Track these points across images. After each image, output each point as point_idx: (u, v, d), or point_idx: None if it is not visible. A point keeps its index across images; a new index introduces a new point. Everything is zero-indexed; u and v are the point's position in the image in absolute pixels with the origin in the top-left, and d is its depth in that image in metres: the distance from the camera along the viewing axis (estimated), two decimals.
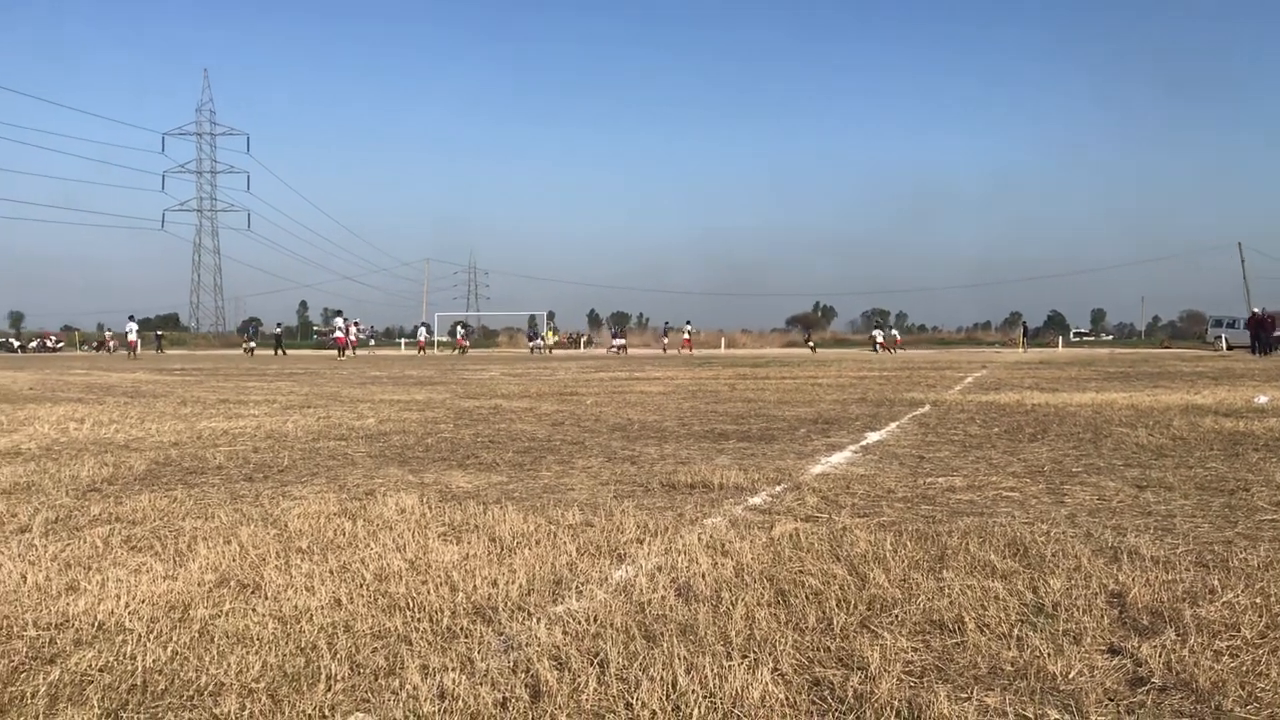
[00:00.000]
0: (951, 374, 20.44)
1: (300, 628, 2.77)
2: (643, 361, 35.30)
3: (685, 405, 11.43)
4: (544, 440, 7.67)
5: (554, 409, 10.92)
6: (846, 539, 3.84)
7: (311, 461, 6.43)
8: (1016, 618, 2.85)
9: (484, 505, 4.67)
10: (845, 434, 8.04)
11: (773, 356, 44.73)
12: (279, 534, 4.01)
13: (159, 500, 4.85)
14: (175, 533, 4.07)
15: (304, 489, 5.26)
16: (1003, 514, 4.44)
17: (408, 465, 6.24)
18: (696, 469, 5.79)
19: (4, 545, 3.85)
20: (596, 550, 3.70)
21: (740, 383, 16.84)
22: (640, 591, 3.10)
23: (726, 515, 4.42)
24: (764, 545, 3.74)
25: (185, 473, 5.94)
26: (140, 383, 18.19)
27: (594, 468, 6.07)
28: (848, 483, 5.35)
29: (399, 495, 4.91)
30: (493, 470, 6.01)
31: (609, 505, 4.66)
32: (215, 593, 3.14)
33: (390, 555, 3.60)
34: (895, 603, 2.98)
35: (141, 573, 3.38)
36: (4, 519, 4.40)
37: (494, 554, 3.65)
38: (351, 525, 4.16)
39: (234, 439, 7.79)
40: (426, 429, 8.60)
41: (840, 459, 6.41)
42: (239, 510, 4.59)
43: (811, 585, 3.16)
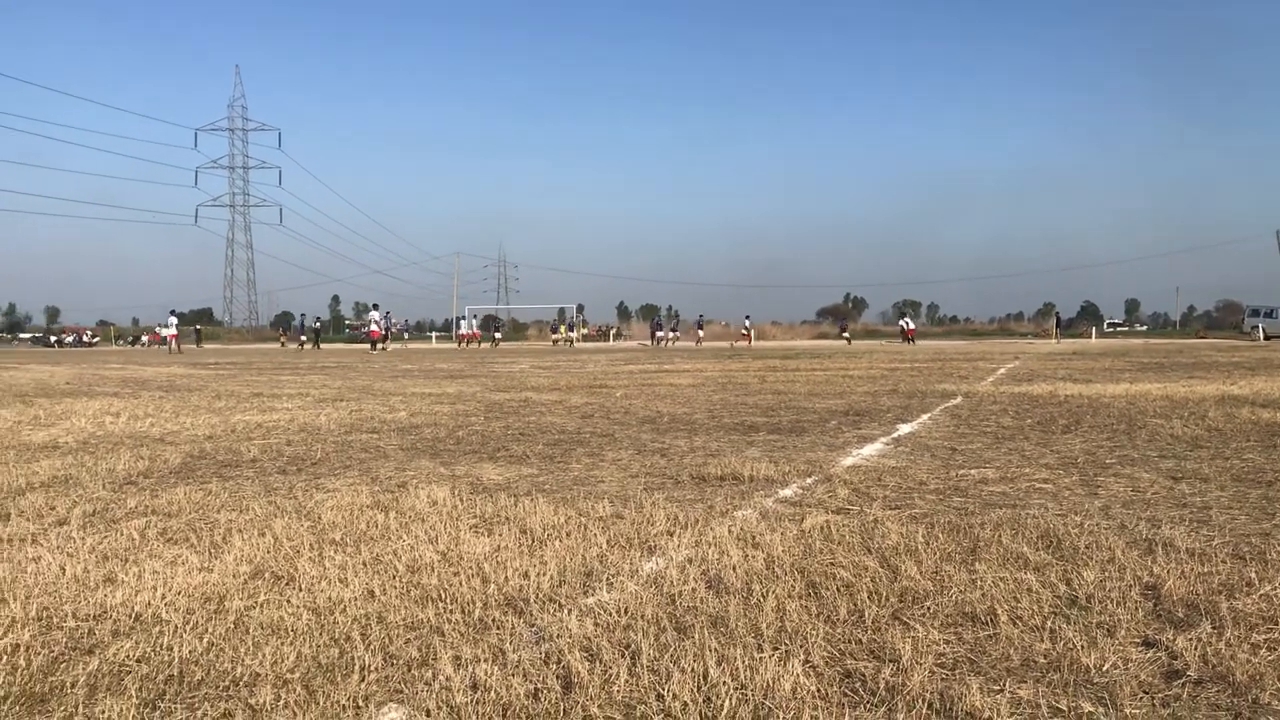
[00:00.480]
0: (984, 365, 20.30)
1: (334, 619, 2.80)
2: (672, 354, 35.29)
3: (715, 398, 11.42)
4: (574, 433, 7.69)
5: (584, 402, 10.94)
6: (878, 531, 3.83)
7: (344, 454, 6.47)
8: (1050, 610, 2.83)
9: (515, 497, 4.69)
10: (877, 426, 8.01)
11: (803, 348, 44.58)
12: (313, 526, 4.05)
13: (194, 493, 4.90)
14: (210, 525, 4.12)
15: (337, 481, 5.30)
16: (1036, 506, 4.41)
17: (439, 458, 6.27)
18: (726, 461, 5.79)
19: (43, 537, 3.91)
20: (627, 542, 3.71)
21: (770, 375, 16.80)
22: (671, 583, 3.10)
23: (757, 508, 4.41)
24: (795, 537, 3.74)
25: (220, 466, 6.00)
26: (175, 377, 18.38)
27: (624, 460, 6.08)
28: (879, 475, 5.33)
29: (431, 487, 4.94)
30: (523, 463, 6.03)
31: (639, 497, 4.66)
32: (250, 584, 3.17)
33: (422, 547, 3.63)
34: (927, 595, 2.97)
35: (177, 565, 3.42)
36: (43, 512, 4.47)
37: (525, 546, 3.67)
38: (384, 517, 4.19)
39: (268, 432, 7.86)
40: (457, 422, 8.64)
41: (872, 451, 6.38)
42: (273, 503, 4.63)
43: (843, 577, 3.15)
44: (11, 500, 4.76)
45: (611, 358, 30.41)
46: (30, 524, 4.18)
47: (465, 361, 27.32)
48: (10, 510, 4.49)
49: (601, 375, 17.38)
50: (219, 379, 17.32)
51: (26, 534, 3.97)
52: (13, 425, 8.53)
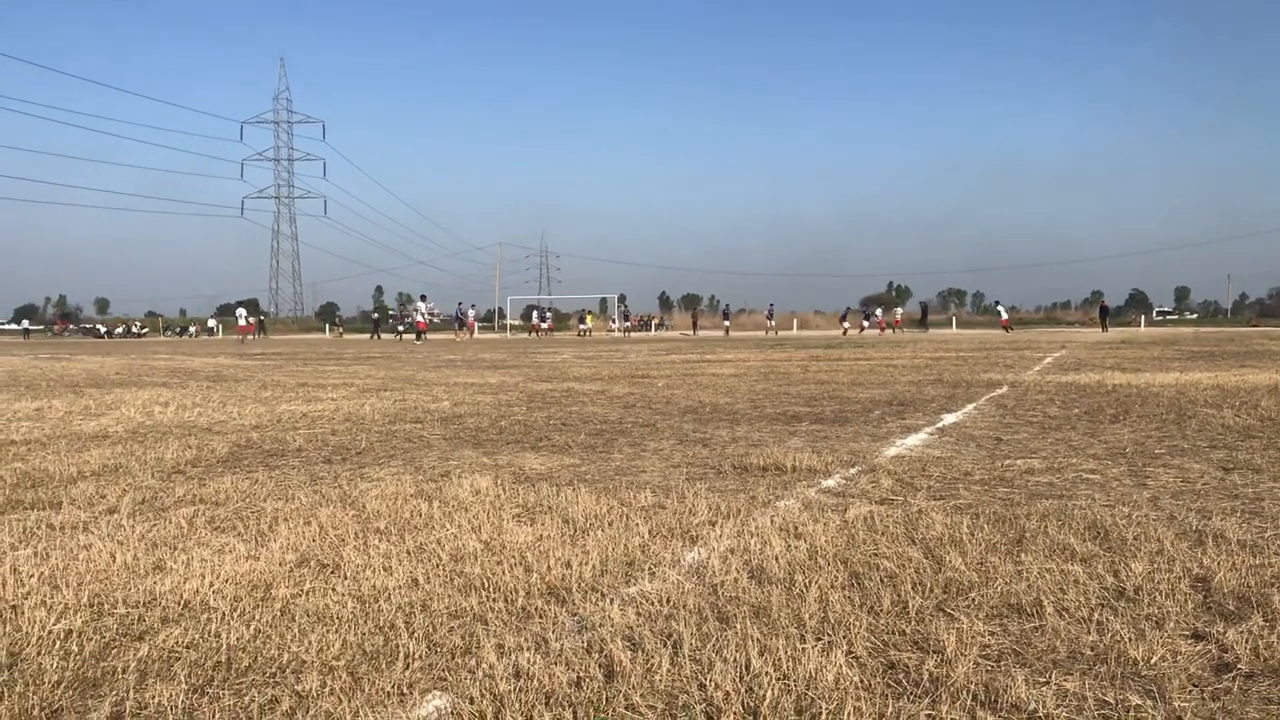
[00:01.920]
0: (1030, 354, 20.07)
1: (379, 607, 2.83)
2: (714, 344, 35.23)
3: (757, 387, 11.39)
4: (616, 423, 7.70)
5: (625, 392, 10.95)
6: (922, 522, 3.80)
7: (388, 444, 6.53)
8: (1097, 601, 2.80)
9: (557, 487, 4.71)
10: (921, 416, 7.95)
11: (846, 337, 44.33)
12: (357, 515, 4.09)
13: (241, 482, 4.97)
14: (257, 514, 4.17)
15: (381, 471, 5.35)
16: (1083, 497, 4.36)
17: (482, 447, 6.31)
18: (769, 451, 5.78)
19: (94, 525, 3.98)
20: (669, 532, 3.71)
21: (813, 364, 16.73)
22: (713, 573, 3.10)
23: (800, 498, 4.40)
24: (838, 528, 3.72)
25: (266, 455, 6.08)
26: (222, 368, 18.63)
27: (665, 450, 6.09)
28: (923, 465, 5.29)
29: (474, 477, 4.97)
30: (565, 452, 6.05)
31: (681, 487, 4.66)
32: (296, 572, 3.21)
33: (465, 536, 3.65)
34: (972, 586, 2.95)
35: (225, 553, 3.47)
36: (93, 500, 4.55)
37: (567, 535, 3.68)
38: (428, 506, 4.22)
39: (313, 422, 7.95)
40: (500, 412, 8.68)
41: (916, 441, 6.34)
42: (318, 492, 4.68)
43: (886, 568, 3.14)
44: (63, 489, 4.85)
45: (653, 348, 30.42)
46: (81, 512, 4.26)
47: (507, 352, 27.45)
48: (62, 499, 4.57)
49: (643, 365, 17.40)
50: (265, 369, 17.53)
51: (78, 522, 4.04)
52: (64, 415, 8.69)
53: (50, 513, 4.24)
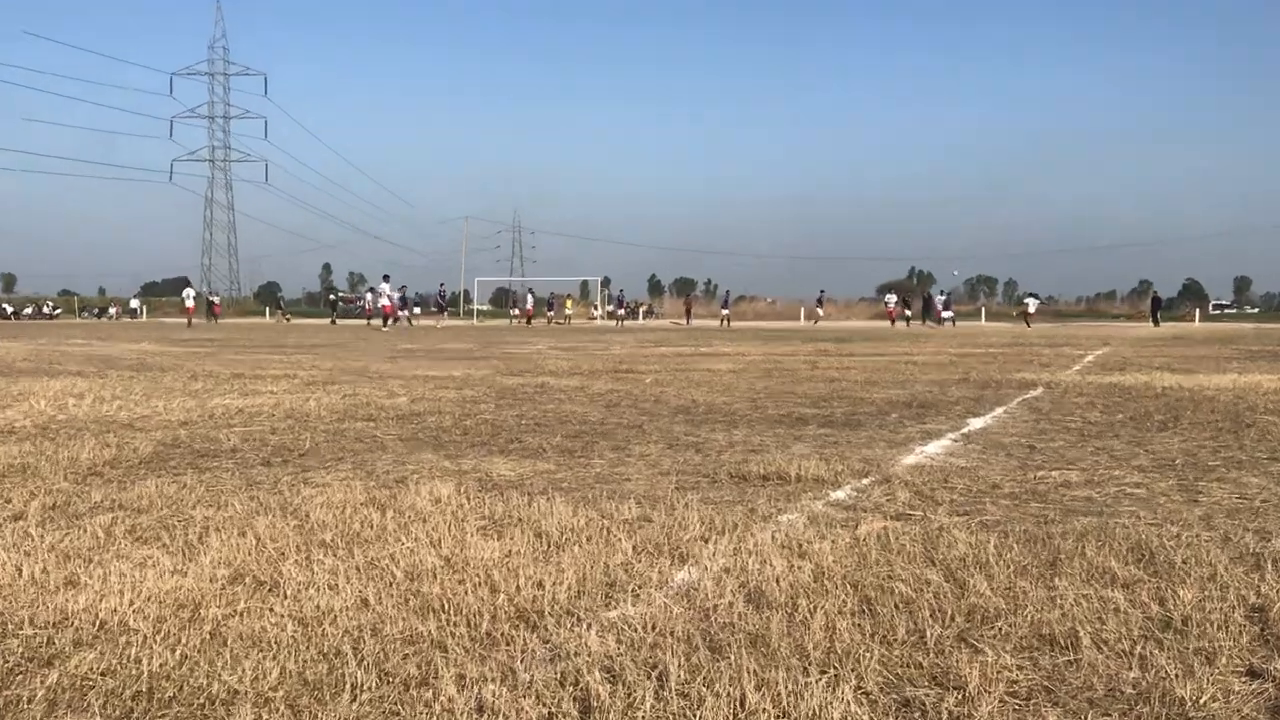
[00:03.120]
0: (1069, 351, 20.15)
1: (323, 630, 2.83)
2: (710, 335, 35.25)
3: (758, 385, 11.41)
4: (597, 423, 7.71)
5: (608, 388, 10.96)
6: (943, 540, 3.81)
7: (336, 444, 6.52)
8: (1140, 633, 2.81)
9: (529, 496, 4.71)
10: (944, 420, 7.98)
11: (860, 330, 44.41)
12: (299, 525, 4.08)
13: (167, 486, 4.95)
14: (185, 522, 4.16)
15: (328, 475, 5.34)
16: (1126, 514, 4.38)
17: (443, 450, 6.31)
18: (771, 458, 5.79)
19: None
20: (655, 549, 3.72)
21: (822, 360, 16.76)
22: (705, 596, 3.11)
23: (805, 511, 4.41)
24: (847, 546, 3.74)
25: (196, 455, 6.06)
26: (146, 355, 18.56)
27: (653, 455, 6.09)
28: (946, 476, 5.31)
29: (433, 483, 4.97)
30: (539, 457, 6.05)
31: (670, 498, 4.67)
32: (228, 590, 3.20)
33: (423, 551, 3.65)
34: (999, 614, 2.96)
35: (147, 567, 3.46)
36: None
37: (539, 551, 3.68)
38: (380, 516, 4.22)
39: (250, 418, 7.93)
40: (465, 409, 8.68)
41: (937, 448, 6.36)
42: (255, 498, 4.67)
43: (902, 592, 3.15)
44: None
45: (641, 339, 30.42)
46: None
47: (474, 341, 27.42)
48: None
49: (629, 359, 17.40)
50: (195, 358, 17.47)
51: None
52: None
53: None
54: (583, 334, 36.46)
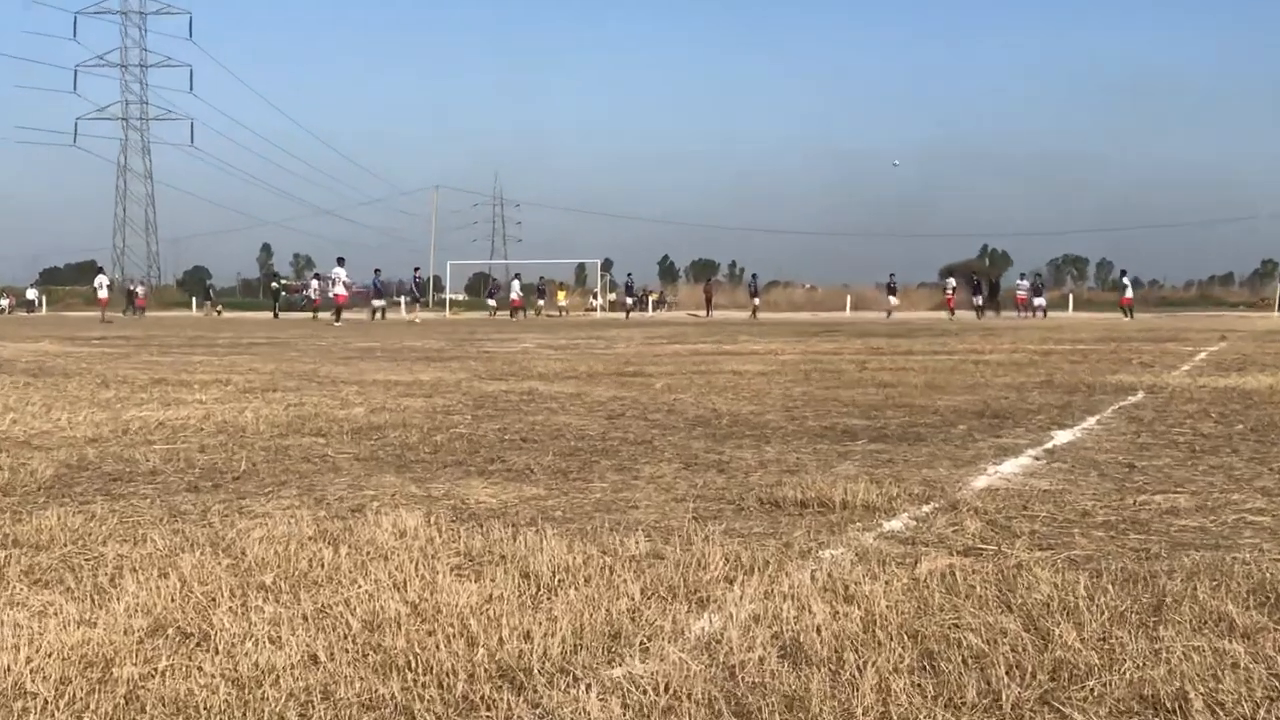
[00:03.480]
0: (1176, 348, 20.12)
1: (262, 693, 2.83)
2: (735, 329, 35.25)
3: (795, 391, 11.40)
4: (597, 438, 7.71)
5: (611, 395, 10.96)
6: (1022, 581, 3.81)
7: (279, 465, 6.53)
8: (1263, 694, 2.81)
9: (513, 528, 4.71)
10: (1022, 432, 7.96)
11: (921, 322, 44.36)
12: (234, 565, 4.09)
13: (71, 517, 4.96)
14: (93, 562, 4.16)
15: (268, 503, 5.35)
16: (1247, 547, 4.37)
17: (409, 471, 6.31)
18: (810, 480, 5.78)
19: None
20: (669, 592, 3.71)
21: (874, 359, 16.74)
22: (730, 650, 3.11)
23: (852, 546, 4.41)
24: (905, 588, 3.73)
25: (107, 479, 6.07)
26: (46, 356, 18.60)
27: (666, 477, 6.09)
28: (1025, 501, 5.30)
29: (397, 513, 4.97)
30: (525, 479, 6.05)
31: (687, 530, 4.67)
32: (147, 644, 3.21)
33: (385, 595, 3.65)
34: (1090, 671, 2.96)
35: (48, 615, 3.46)
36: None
37: (527, 596, 3.68)
38: (332, 554, 4.22)
39: (173, 434, 7.95)
40: (435, 422, 8.68)
41: (1014, 468, 6.35)
42: (180, 531, 4.68)
43: (971, 645, 3.14)
44: None
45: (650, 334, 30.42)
46: None
47: (446, 338, 27.44)
48: None
49: (636, 359, 17.41)
50: (106, 359, 17.51)
51: None
52: None
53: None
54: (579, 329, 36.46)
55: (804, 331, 31.38)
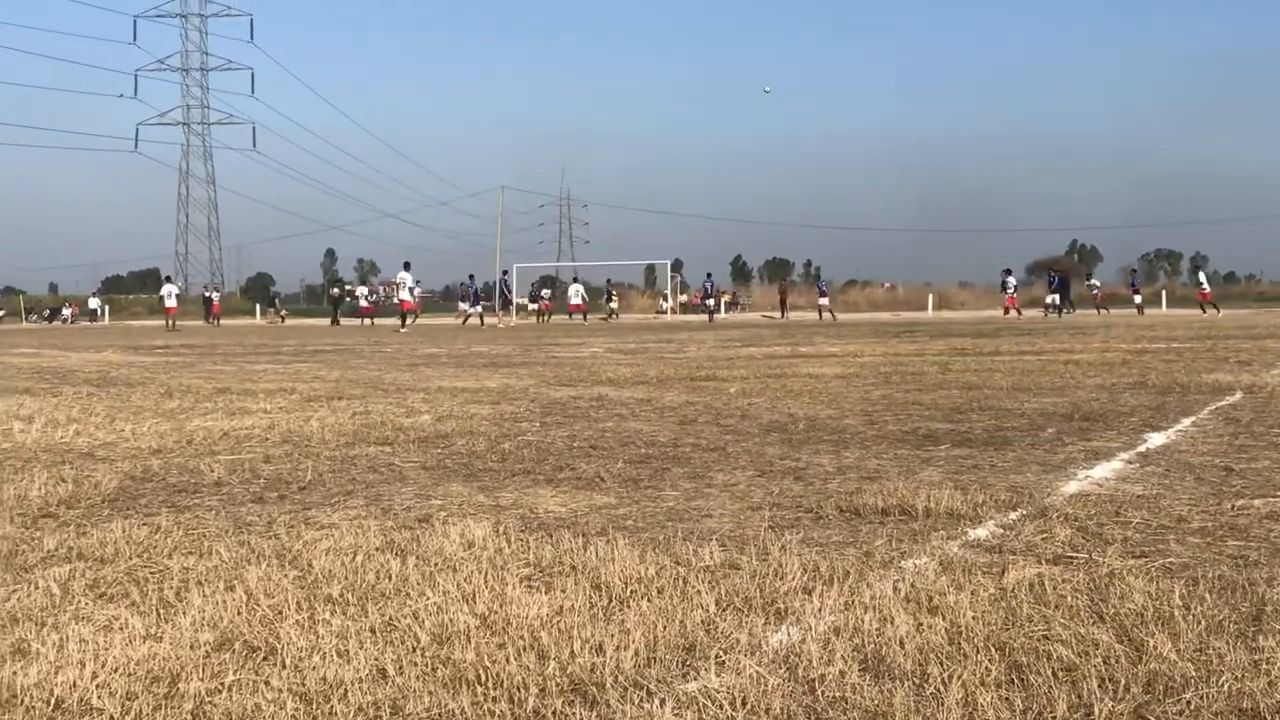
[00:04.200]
0: (1275, 345, 19.81)
1: (330, 708, 2.85)
2: (810, 331, 35.14)
3: (874, 394, 11.34)
4: (668, 445, 7.71)
5: (683, 400, 10.95)
6: (1115, 590, 3.77)
7: (344, 475, 6.59)
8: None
9: (584, 538, 4.72)
10: (1114, 435, 7.88)
11: (1006, 321, 43.97)
12: (300, 577, 4.13)
13: (136, 529, 5.02)
14: (159, 575, 4.22)
15: (334, 514, 5.40)
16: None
17: (477, 480, 6.35)
18: (891, 487, 5.75)
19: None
20: (745, 604, 3.71)
21: (957, 360, 16.62)
22: (809, 663, 3.10)
23: (936, 554, 4.38)
24: (991, 599, 3.70)
25: (172, 491, 6.15)
26: (110, 366, 18.86)
27: (740, 485, 6.08)
28: (1117, 507, 5.25)
29: (465, 523, 5.00)
30: (596, 488, 6.07)
31: (763, 539, 4.66)
32: (213, 659, 3.24)
33: (454, 607, 3.67)
34: (1186, 683, 2.92)
35: (113, 630, 3.51)
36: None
37: (599, 607, 3.69)
38: (400, 565, 4.25)
39: (238, 444, 8.04)
40: (502, 429, 8.72)
41: (1106, 472, 6.29)
42: (245, 543, 4.73)
43: (1062, 657, 3.12)
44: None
45: (723, 337, 30.38)
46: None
47: (513, 343, 27.55)
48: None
49: (708, 363, 17.39)
50: (170, 368, 17.72)
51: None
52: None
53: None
54: (649, 332, 36.49)
55: (883, 332, 31.20)
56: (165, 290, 58.65)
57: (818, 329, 37.23)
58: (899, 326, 37.77)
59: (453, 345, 26.87)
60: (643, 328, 43.83)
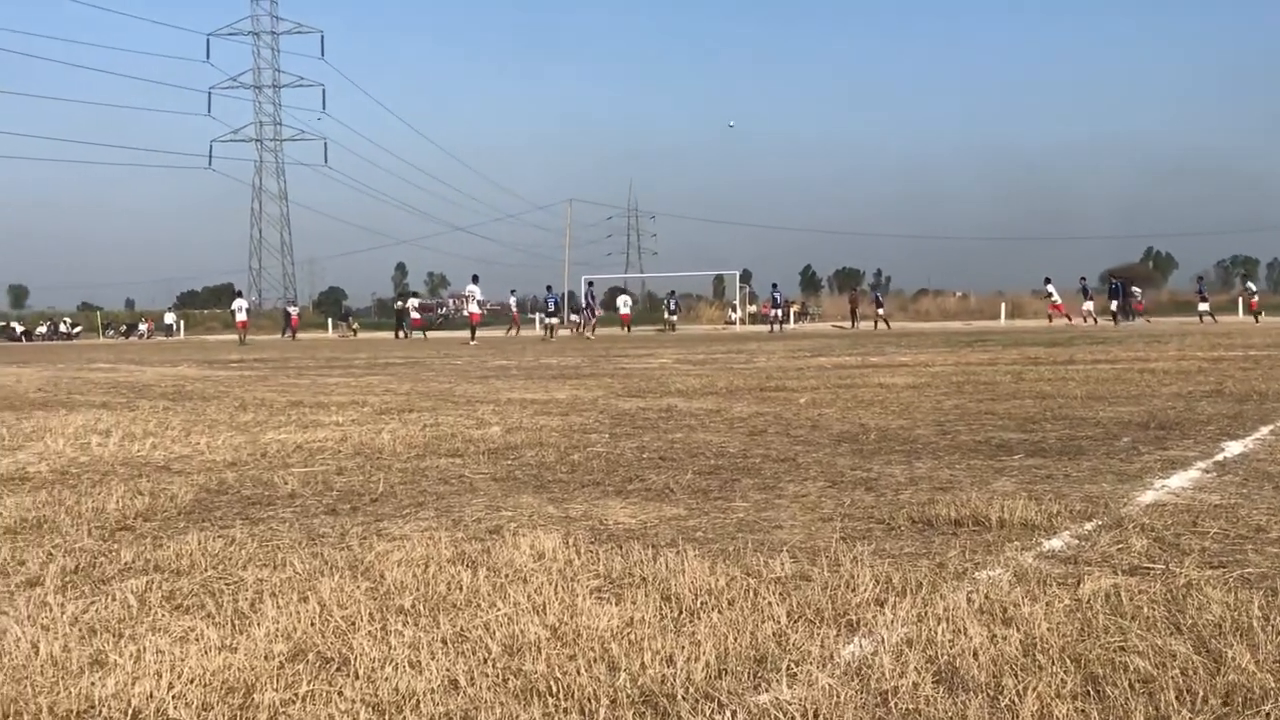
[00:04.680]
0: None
1: (403, 719, 2.87)
2: (881, 341, 34.97)
3: (947, 404, 11.27)
4: (738, 456, 7.70)
5: (752, 411, 10.93)
6: (1192, 601, 3.73)
7: (415, 487, 6.63)
8: None
9: (653, 549, 4.72)
10: (1191, 444, 7.79)
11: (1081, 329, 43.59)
12: (373, 588, 4.16)
13: (211, 541, 5.08)
14: (233, 586, 4.26)
15: (406, 525, 5.43)
16: None
17: (547, 492, 6.37)
18: (964, 498, 5.72)
19: (9, 604, 4.10)
20: (816, 615, 3.70)
21: (1030, 369, 16.49)
22: (882, 675, 3.09)
23: (1010, 566, 4.35)
24: (1066, 610, 3.67)
25: (246, 503, 6.22)
26: (185, 380, 19.09)
27: (811, 496, 6.07)
28: (1194, 517, 5.19)
29: (535, 534, 5.01)
30: (665, 499, 6.07)
31: (834, 550, 4.64)
32: (288, 669, 3.27)
33: (524, 618, 3.69)
34: (1266, 695, 2.89)
35: (189, 641, 3.55)
36: (8, 568, 4.70)
37: (669, 619, 3.69)
38: (471, 576, 4.27)
39: (311, 456, 8.11)
40: (572, 440, 8.75)
41: (1183, 481, 6.22)
42: (318, 555, 4.77)
43: (1139, 669, 3.08)
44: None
45: (792, 347, 30.30)
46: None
47: (582, 355, 27.62)
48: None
49: (778, 373, 17.35)
50: (244, 382, 17.92)
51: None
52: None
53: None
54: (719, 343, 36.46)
55: (955, 341, 31.00)
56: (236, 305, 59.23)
57: (888, 339, 37.07)
58: (971, 335, 37.52)
59: (522, 358, 26.97)
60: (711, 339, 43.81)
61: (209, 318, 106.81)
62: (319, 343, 52.54)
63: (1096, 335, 34.50)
